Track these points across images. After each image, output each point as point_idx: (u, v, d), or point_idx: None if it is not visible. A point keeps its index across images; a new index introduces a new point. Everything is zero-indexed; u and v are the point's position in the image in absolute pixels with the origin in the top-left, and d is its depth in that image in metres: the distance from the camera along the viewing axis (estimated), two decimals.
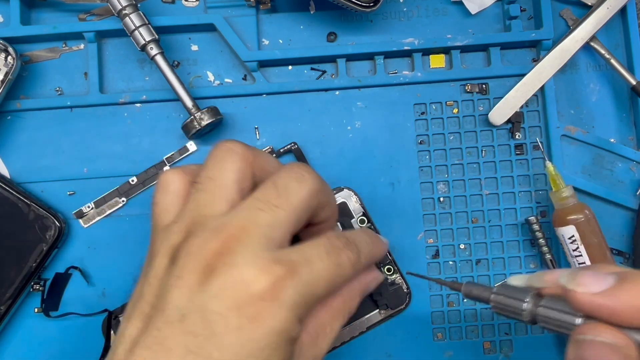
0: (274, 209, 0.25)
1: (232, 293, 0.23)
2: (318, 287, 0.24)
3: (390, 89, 0.40)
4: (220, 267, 0.23)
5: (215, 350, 0.22)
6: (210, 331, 0.22)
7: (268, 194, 0.25)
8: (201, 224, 0.25)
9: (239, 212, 0.25)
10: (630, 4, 0.40)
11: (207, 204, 0.26)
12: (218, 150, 0.27)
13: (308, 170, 0.27)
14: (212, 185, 0.26)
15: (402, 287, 0.37)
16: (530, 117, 0.40)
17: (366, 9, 0.36)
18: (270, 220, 0.25)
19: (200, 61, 0.40)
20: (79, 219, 0.38)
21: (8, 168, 0.39)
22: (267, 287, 0.23)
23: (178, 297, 0.23)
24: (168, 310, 0.23)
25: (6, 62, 0.36)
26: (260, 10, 0.40)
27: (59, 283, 0.38)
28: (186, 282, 0.23)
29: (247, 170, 0.27)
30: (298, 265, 0.24)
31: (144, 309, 0.24)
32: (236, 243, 0.24)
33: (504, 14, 0.40)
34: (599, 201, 0.39)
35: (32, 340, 0.38)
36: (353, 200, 0.38)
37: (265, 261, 0.23)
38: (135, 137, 0.39)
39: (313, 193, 0.26)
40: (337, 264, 0.25)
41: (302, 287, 0.24)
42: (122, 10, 0.36)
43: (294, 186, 0.26)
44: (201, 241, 0.24)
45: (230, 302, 0.23)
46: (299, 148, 0.38)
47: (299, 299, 0.24)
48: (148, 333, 0.23)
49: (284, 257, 0.24)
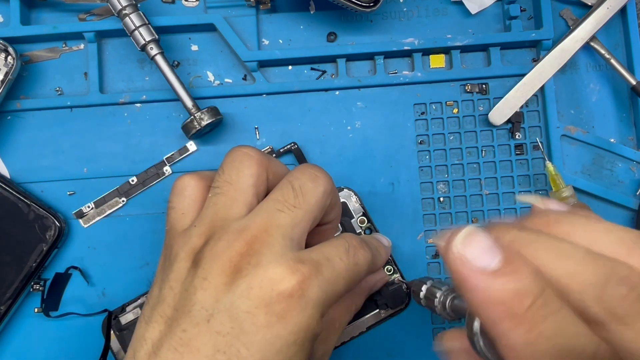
0: (292, 209, 0.26)
1: (260, 292, 0.23)
2: (339, 285, 0.25)
3: (390, 89, 0.40)
4: (246, 267, 0.24)
5: (244, 348, 0.23)
6: (238, 330, 0.23)
7: (286, 195, 0.26)
8: (222, 227, 0.25)
9: (259, 214, 0.26)
10: (630, 4, 0.40)
11: (226, 208, 0.26)
12: (235, 155, 0.28)
13: (321, 170, 0.28)
14: (231, 189, 0.27)
15: (402, 287, 0.37)
16: (530, 117, 0.40)
17: (366, 9, 0.36)
18: (290, 221, 0.25)
19: (200, 61, 0.40)
20: (79, 219, 0.38)
21: (8, 168, 0.39)
22: (295, 285, 0.23)
23: (204, 298, 0.23)
24: (195, 312, 0.23)
25: (6, 62, 0.36)
26: (260, 10, 0.40)
27: (59, 283, 0.38)
28: (212, 284, 0.24)
29: (263, 174, 0.27)
30: (321, 264, 0.25)
31: (165, 312, 0.24)
32: (260, 244, 0.24)
33: (504, 14, 0.40)
34: (599, 201, 0.39)
35: (32, 340, 0.38)
36: (353, 200, 0.38)
37: (291, 261, 0.24)
38: (135, 137, 0.39)
39: (327, 193, 0.27)
40: (355, 262, 0.26)
41: (326, 284, 0.24)
42: (122, 10, 0.36)
43: (309, 186, 0.27)
44: (225, 243, 0.24)
45: (258, 300, 0.23)
46: (299, 148, 0.38)
47: (323, 296, 0.24)
48: (172, 335, 0.23)
49: (306, 257, 0.25)
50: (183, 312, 0.24)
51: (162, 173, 0.39)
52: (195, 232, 0.26)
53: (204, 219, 0.26)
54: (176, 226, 0.27)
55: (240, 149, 0.28)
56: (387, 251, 0.34)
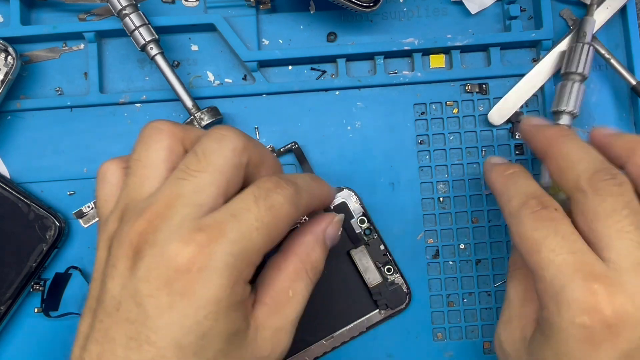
0: (195, 174, 0.24)
1: (158, 272, 0.22)
2: (252, 241, 0.23)
3: (390, 89, 0.40)
4: (145, 248, 0.23)
5: (152, 333, 0.22)
6: (144, 315, 0.22)
7: (188, 162, 0.24)
8: (130, 208, 0.24)
9: (162, 188, 0.24)
10: (630, 4, 0.40)
11: (136, 187, 0.25)
12: (145, 131, 0.26)
13: (228, 128, 0.26)
14: (140, 166, 0.25)
15: (402, 287, 0.37)
16: None
17: (366, 9, 0.36)
18: (193, 187, 0.24)
19: (200, 61, 0.40)
20: (79, 219, 0.38)
21: (8, 168, 0.39)
22: (190, 257, 0.22)
23: (113, 287, 0.23)
24: (107, 301, 0.23)
25: (6, 62, 0.36)
26: (260, 10, 0.40)
27: (59, 283, 0.38)
28: (119, 270, 0.23)
29: (177, 146, 0.26)
30: (223, 224, 0.23)
31: (91, 304, 0.24)
32: (160, 219, 0.23)
33: (504, 14, 0.40)
34: None
35: (32, 340, 0.38)
36: (353, 200, 0.38)
37: (187, 231, 0.22)
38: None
39: (237, 150, 0.25)
40: (268, 207, 0.24)
41: (231, 245, 0.22)
42: (122, 10, 0.36)
43: (214, 147, 0.25)
44: (128, 226, 0.23)
45: (158, 282, 0.22)
46: (299, 148, 0.38)
47: (231, 260, 0.22)
48: (95, 327, 0.23)
49: (207, 221, 0.23)
50: (100, 303, 0.23)
51: None
52: (111, 217, 0.25)
53: (119, 203, 0.25)
54: (101, 214, 0.27)
55: (151, 124, 0.26)
56: (325, 188, 0.29)
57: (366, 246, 0.37)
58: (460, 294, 0.38)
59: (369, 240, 0.38)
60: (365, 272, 0.37)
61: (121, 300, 0.22)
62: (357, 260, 0.37)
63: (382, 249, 0.37)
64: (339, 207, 0.38)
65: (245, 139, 0.26)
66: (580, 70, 0.36)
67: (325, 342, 0.37)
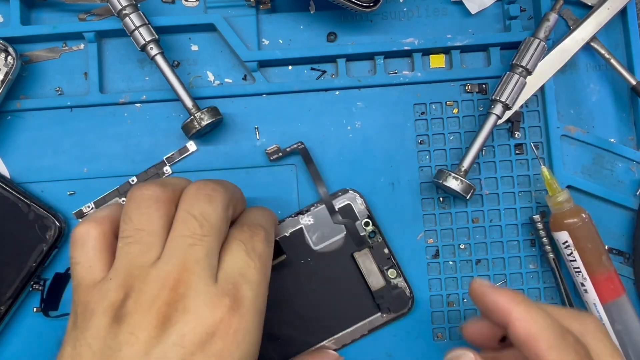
0: (203, 239, 0.26)
1: (193, 337, 0.23)
2: (261, 289, 0.27)
3: (390, 89, 0.40)
4: (174, 314, 0.24)
5: None
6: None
7: (191, 228, 0.26)
8: (140, 277, 0.25)
9: (174, 254, 0.25)
10: (630, 5, 0.40)
11: (142, 255, 0.26)
12: (140, 200, 0.27)
13: (212, 185, 0.28)
14: (144, 235, 0.26)
15: (405, 292, 0.37)
16: (530, 117, 0.40)
17: (366, 9, 0.36)
18: (206, 251, 0.25)
19: (200, 61, 0.40)
20: (79, 219, 0.38)
21: (8, 168, 0.38)
22: (224, 321, 0.24)
23: (132, 354, 0.23)
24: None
25: (6, 62, 0.36)
26: (260, 10, 0.40)
27: (59, 283, 0.38)
28: (140, 338, 0.23)
29: (172, 210, 0.27)
30: (238, 284, 0.25)
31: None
32: (184, 286, 0.24)
33: (504, 14, 0.40)
34: (598, 201, 0.39)
35: (32, 340, 0.38)
36: (358, 203, 0.37)
37: (213, 297, 0.24)
38: (135, 137, 0.39)
39: (226, 206, 0.28)
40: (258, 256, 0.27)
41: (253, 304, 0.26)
42: (122, 10, 0.36)
43: (208, 210, 0.27)
44: (150, 296, 0.24)
45: (193, 347, 0.23)
46: (305, 148, 0.38)
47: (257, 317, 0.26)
48: None
49: (226, 286, 0.25)
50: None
51: (162, 173, 0.39)
52: (112, 285, 0.25)
53: (119, 271, 0.25)
54: (85, 281, 0.26)
55: (142, 192, 0.27)
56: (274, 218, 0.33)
57: (370, 249, 0.37)
58: (460, 294, 0.38)
59: (373, 243, 0.37)
60: (369, 275, 0.37)
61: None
62: (360, 263, 0.37)
63: (387, 252, 0.37)
64: (344, 209, 0.38)
65: (228, 192, 0.28)
66: (525, 64, 0.37)
67: (327, 343, 0.37)
